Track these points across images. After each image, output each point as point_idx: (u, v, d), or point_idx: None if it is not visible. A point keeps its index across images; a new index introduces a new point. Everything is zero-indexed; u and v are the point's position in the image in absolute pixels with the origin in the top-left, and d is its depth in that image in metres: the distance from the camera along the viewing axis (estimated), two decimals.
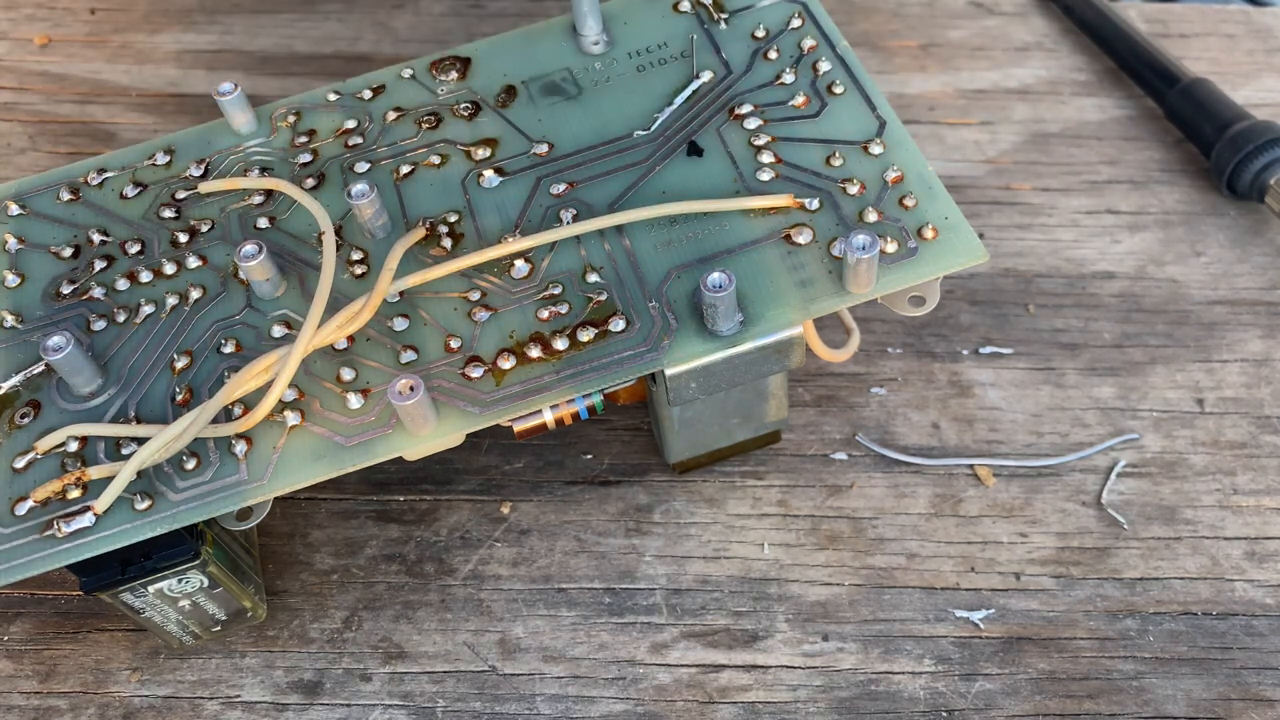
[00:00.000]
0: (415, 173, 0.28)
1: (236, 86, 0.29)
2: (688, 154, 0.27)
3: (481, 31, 0.42)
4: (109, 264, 0.27)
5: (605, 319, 0.25)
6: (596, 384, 0.24)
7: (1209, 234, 0.36)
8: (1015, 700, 0.27)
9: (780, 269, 0.25)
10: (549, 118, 0.29)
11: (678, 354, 0.24)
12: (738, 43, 0.29)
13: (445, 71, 0.30)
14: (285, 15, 0.43)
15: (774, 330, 0.24)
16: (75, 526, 0.23)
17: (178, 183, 0.29)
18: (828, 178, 0.26)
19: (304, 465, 0.24)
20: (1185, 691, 0.27)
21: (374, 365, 0.25)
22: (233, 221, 0.28)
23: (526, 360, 0.24)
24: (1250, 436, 0.31)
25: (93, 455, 0.24)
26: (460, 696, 0.27)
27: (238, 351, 0.25)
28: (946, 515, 0.30)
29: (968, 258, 0.25)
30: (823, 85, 0.28)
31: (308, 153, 0.29)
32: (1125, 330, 0.33)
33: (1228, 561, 0.29)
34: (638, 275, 0.25)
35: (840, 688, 0.27)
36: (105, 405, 0.25)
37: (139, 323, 0.26)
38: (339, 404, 0.24)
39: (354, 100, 0.30)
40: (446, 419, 0.24)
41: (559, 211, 0.27)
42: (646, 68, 0.29)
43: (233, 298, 0.26)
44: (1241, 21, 0.42)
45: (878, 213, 0.26)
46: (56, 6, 0.43)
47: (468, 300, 0.26)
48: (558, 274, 0.26)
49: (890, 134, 0.27)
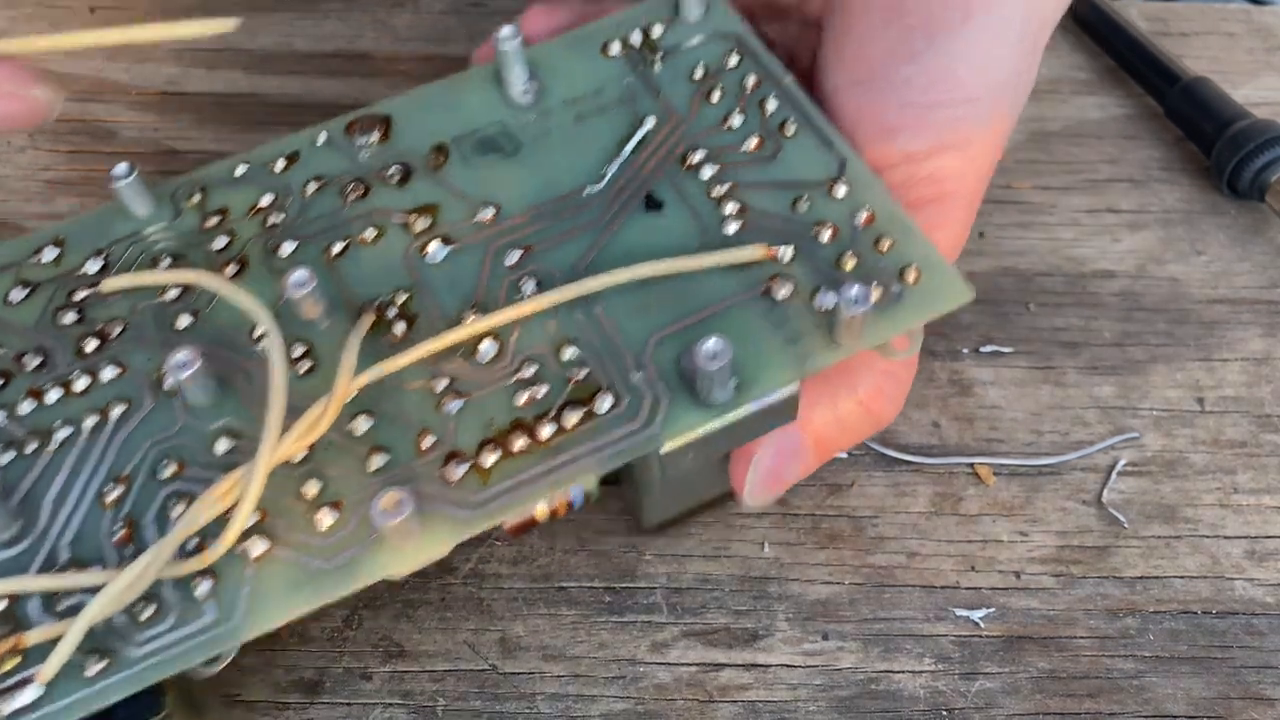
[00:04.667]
0: (349, 250, 0.25)
1: (133, 169, 0.25)
2: (645, 208, 0.26)
3: (482, 31, 0.42)
4: (5, 382, 0.24)
5: (590, 397, 0.23)
6: (591, 470, 0.22)
7: (1209, 233, 0.36)
8: (1015, 699, 0.27)
9: (765, 326, 0.24)
10: (489, 178, 0.26)
11: (674, 428, 0.22)
12: (676, 84, 0.27)
13: (364, 133, 0.27)
14: (285, 14, 0.43)
15: (771, 391, 0.23)
16: (17, 704, 0.20)
17: (74, 280, 0.25)
18: (797, 223, 0.25)
19: (282, 597, 0.21)
20: (1185, 690, 0.27)
21: (341, 474, 0.22)
22: (148, 321, 0.24)
23: (511, 453, 0.22)
24: (1251, 435, 0.31)
25: (24, 614, 0.21)
26: (460, 695, 0.27)
27: (180, 473, 0.22)
28: (947, 514, 0.30)
29: (954, 299, 0.24)
30: (774, 125, 0.27)
31: (223, 235, 0.26)
32: (1125, 329, 0.33)
33: (1228, 560, 0.29)
34: (616, 346, 0.24)
35: (840, 686, 0.27)
36: (29, 553, 0.21)
37: (55, 450, 0.23)
38: (308, 523, 0.22)
39: (265, 173, 0.26)
40: (433, 528, 0.22)
41: (519, 282, 0.24)
42: (586, 116, 0.27)
43: (163, 411, 0.23)
44: (1242, 20, 0.42)
45: (856, 257, 0.24)
46: (57, 5, 0.43)
47: (433, 390, 0.23)
48: (530, 350, 0.24)
49: (852, 172, 0.26)
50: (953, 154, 0.26)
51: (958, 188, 0.26)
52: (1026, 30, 0.27)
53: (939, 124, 0.26)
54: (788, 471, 0.26)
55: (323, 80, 0.40)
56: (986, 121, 0.26)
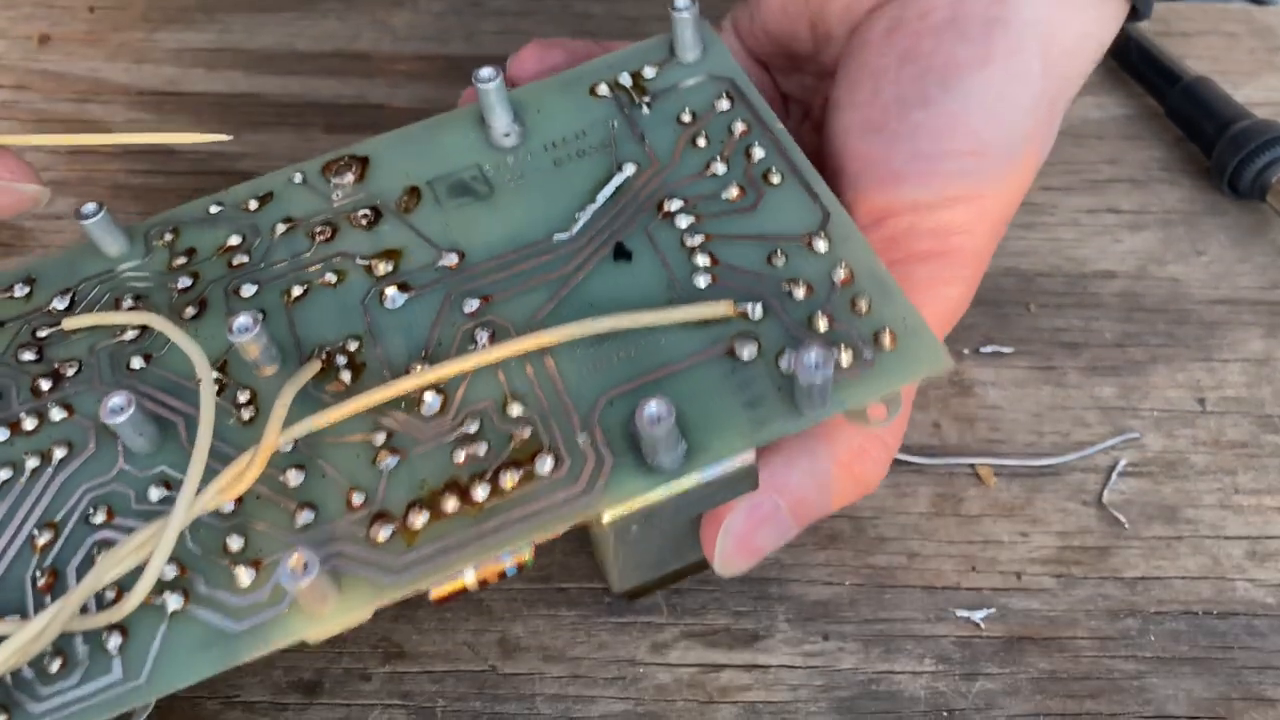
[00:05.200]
0: (309, 294, 0.25)
1: (101, 207, 0.25)
2: (614, 258, 0.24)
3: (481, 30, 0.42)
4: None
5: (530, 458, 0.22)
6: (525, 536, 0.21)
7: (1210, 233, 0.36)
8: (1016, 700, 0.27)
9: (724, 388, 0.22)
10: (458, 222, 0.25)
11: (615, 494, 0.21)
12: (663, 128, 0.26)
13: (340, 173, 0.26)
14: (284, 13, 0.43)
15: (721, 459, 0.22)
16: None
17: (40, 318, 0.25)
18: (770, 279, 0.24)
19: (190, 658, 0.20)
20: (1186, 691, 0.27)
21: (266, 530, 0.22)
22: (103, 362, 0.24)
23: (441, 515, 0.21)
24: (1251, 436, 0.31)
25: None
26: (460, 696, 0.27)
27: (109, 521, 0.22)
28: (947, 514, 0.30)
29: (931, 366, 0.22)
30: (758, 174, 0.25)
31: (187, 275, 0.25)
32: (1126, 329, 0.33)
33: (1229, 561, 0.29)
34: (565, 403, 0.22)
35: (841, 687, 0.27)
36: None
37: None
38: (227, 580, 0.21)
39: (238, 212, 0.26)
40: (351, 591, 0.21)
41: (474, 331, 0.24)
42: (564, 161, 0.26)
43: (104, 455, 0.23)
44: (1243, 20, 0.42)
45: (828, 318, 0.23)
46: (55, 5, 0.43)
47: (371, 444, 0.22)
48: (475, 406, 0.23)
49: (835, 226, 0.24)
50: (962, 207, 0.25)
51: (965, 243, 0.25)
52: (1048, 83, 0.26)
53: (949, 174, 0.25)
54: (762, 538, 0.24)
55: (322, 80, 0.40)
56: (1000, 175, 0.25)
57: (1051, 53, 0.26)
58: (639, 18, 0.43)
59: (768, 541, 0.24)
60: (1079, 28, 0.26)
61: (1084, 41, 0.27)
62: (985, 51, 0.25)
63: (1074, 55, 0.26)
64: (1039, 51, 0.25)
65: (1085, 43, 0.27)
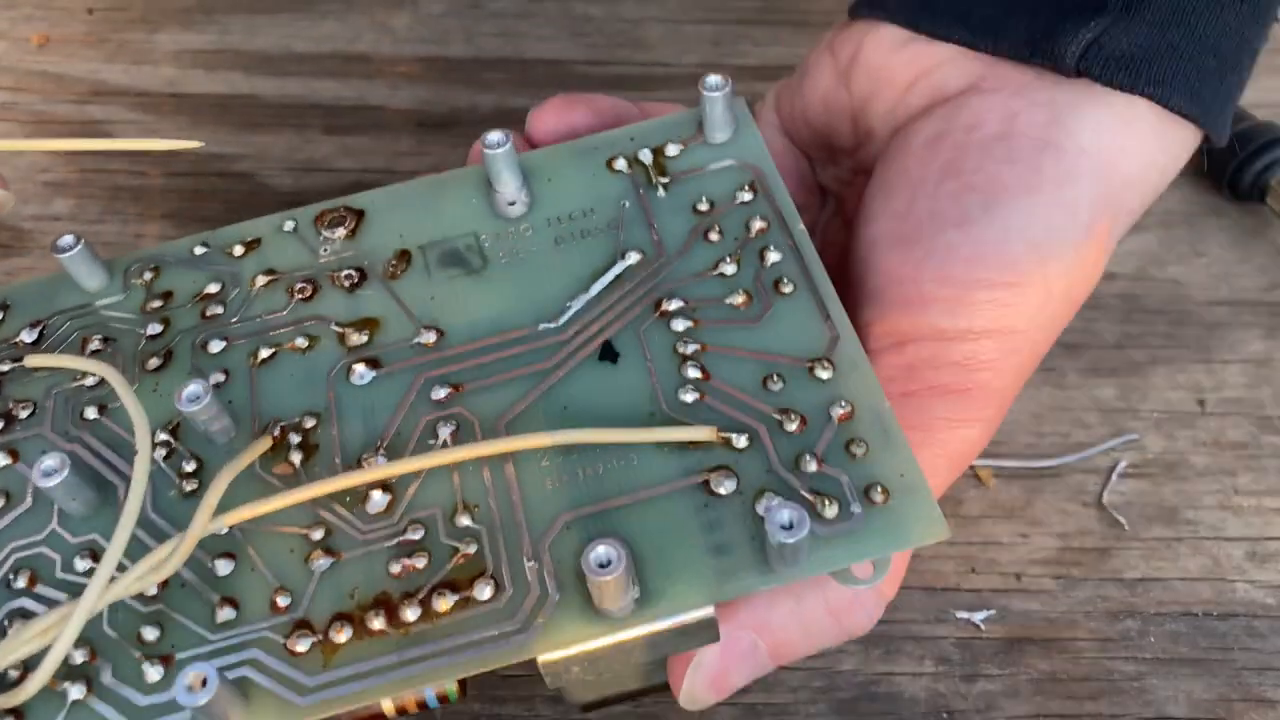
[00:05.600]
0: (276, 357, 0.23)
1: (79, 240, 0.24)
2: (600, 358, 0.22)
3: (481, 32, 0.42)
4: None
5: (470, 580, 0.20)
6: (448, 673, 0.19)
7: (1210, 234, 0.36)
8: (1016, 701, 0.27)
9: (693, 527, 0.20)
10: (444, 296, 0.24)
11: (553, 638, 0.19)
12: (676, 216, 0.24)
13: (333, 226, 0.25)
14: (284, 15, 0.43)
15: (676, 612, 0.19)
16: None
17: (5, 349, 0.24)
18: (762, 406, 0.21)
19: None
20: (1186, 692, 0.27)
21: (185, 623, 0.20)
22: (58, 407, 0.23)
23: (366, 633, 0.20)
24: (1251, 437, 0.31)
25: None
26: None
27: (29, 588, 0.21)
28: (947, 516, 0.30)
29: (924, 533, 0.20)
30: (769, 280, 0.23)
31: (158, 321, 0.24)
32: (1126, 331, 0.33)
33: (1229, 562, 0.29)
34: (519, 520, 0.20)
35: (841, 689, 0.27)
36: None
37: None
38: (135, 675, 0.20)
39: (222, 255, 0.25)
40: (259, 709, 0.19)
41: (436, 425, 0.22)
42: (565, 240, 0.24)
43: (39, 512, 0.21)
44: None
45: (818, 461, 0.20)
46: (54, 6, 0.43)
47: (308, 539, 0.21)
48: (423, 511, 0.21)
49: (843, 352, 0.22)
50: (990, 341, 0.23)
51: (990, 381, 0.23)
52: (1100, 216, 0.23)
53: (979, 304, 0.23)
54: (736, 675, 0.22)
55: (321, 81, 0.40)
56: (1034, 311, 0.23)
57: (1110, 183, 0.24)
58: (639, 19, 0.43)
59: (741, 680, 0.22)
60: (1143, 158, 0.24)
61: (1147, 172, 0.24)
62: (1034, 177, 0.23)
63: (1135, 186, 0.24)
64: (1095, 182, 0.23)
65: (1149, 173, 0.24)
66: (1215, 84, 0.25)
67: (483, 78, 0.41)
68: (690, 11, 0.43)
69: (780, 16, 0.43)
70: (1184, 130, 0.25)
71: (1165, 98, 0.24)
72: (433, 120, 0.39)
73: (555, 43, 0.42)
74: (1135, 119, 0.24)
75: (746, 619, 0.22)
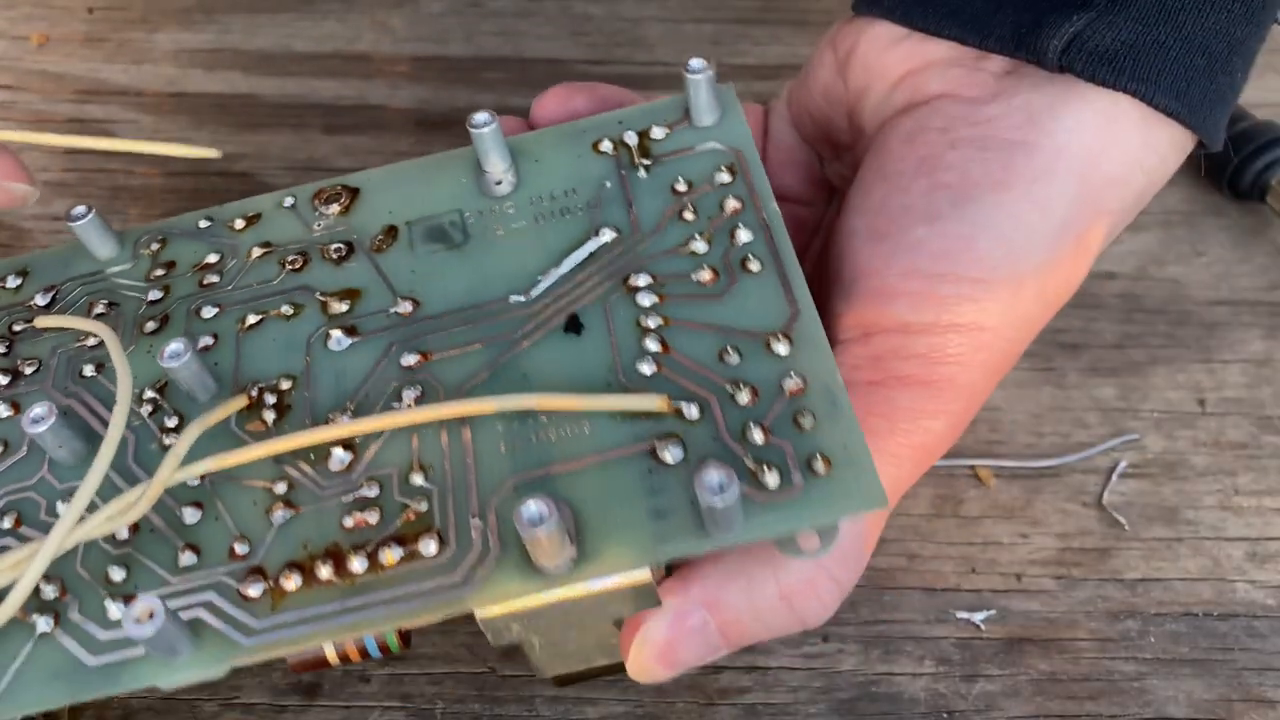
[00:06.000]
0: (263, 324, 0.24)
1: (90, 210, 0.25)
2: (564, 330, 0.23)
3: (480, 31, 0.42)
4: None
5: (417, 536, 0.21)
6: (386, 622, 0.20)
7: (1210, 234, 0.36)
8: (1016, 701, 0.27)
9: (637, 492, 0.20)
10: (424, 269, 0.25)
11: (490, 593, 0.20)
12: (654, 196, 0.25)
13: (328, 203, 0.26)
14: (284, 14, 0.43)
15: (611, 572, 0.20)
16: None
17: (20, 311, 0.25)
18: (716, 378, 0.22)
19: (38, 685, 0.20)
20: (1186, 692, 0.27)
21: (149, 565, 0.21)
22: (60, 365, 0.24)
23: (314, 582, 0.20)
24: (1251, 437, 0.31)
25: None
26: (459, 698, 0.27)
27: (15, 528, 0.22)
28: (947, 516, 0.30)
29: (862, 503, 0.20)
30: (736, 259, 0.23)
31: (159, 288, 0.25)
32: (1126, 330, 0.33)
33: (1229, 562, 0.29)
34: (470, 481, 0.21)
35: (840, 689, 0.27)
36: None
37: None
38: (98, 611, 0.21)
39: (225, 229, 0.26)
40: (207, 646, 0.20)
41: (402, 390, 0.23)
42: (545, 218, 0.25)
43: (32, 460, 0.23)
44: None
45: (764, 432, 0.21)
46: (54, 6, 0.43)
47: (271, 492, 0.22)
48: (380, 469, 0.22)
49: (801, 328, 0.22)
50: (957, 336, 0.23)
51: (957, 375, 0.23)
52: (1079, 214, 0.23)
53: (944, 299, 0.23)
54: (685, 652, 0.22)
55: (321, 81, 0.40)
56: (1003, 309, 0.23)
57: (1090, 182, 0.24)
58: (639, 19, 0.43)
59: (691, 656, 0.22)
60: (1126, 157, 0.24)
61: (1132, 172, 0.24)
62: (1005, 175, 0.23)
63: (1118, 186, 0.24)
64: (1073, 181, 0.23)
65: (1133, 173, 0.24)
66: (1204, 83, 0.24)
67: (482, 77, 0.40)
68: (690, 11, 0.43)
69: (780, 16, 0.43)
70: (1171, 130, 0.24)
71: (1149, 95, 0.24)
72: (433, 120, 0.39)
73: (555, 42, 0.42)
74: (1119, 117, 0.24)
75: (697, 594, 0.22)
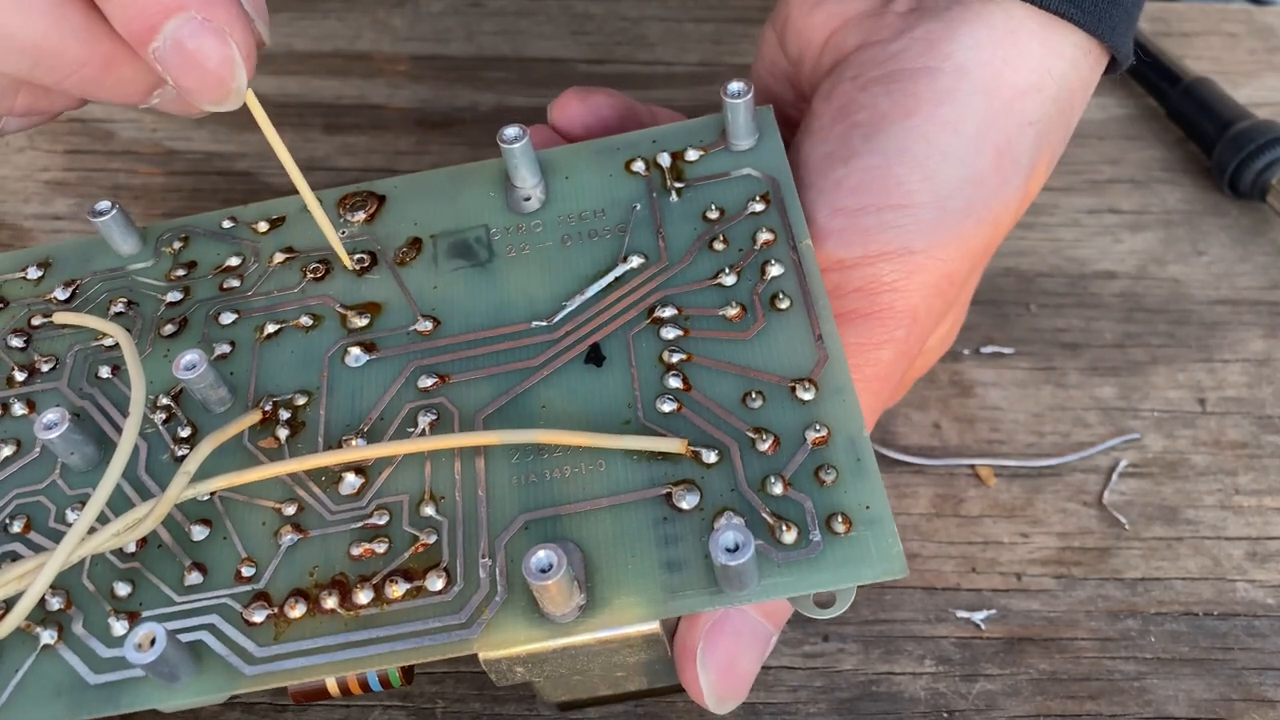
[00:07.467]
0: (281, 334, 0.24)
1: (114, 205, 0.25)
2: (585, 360, 0.22)
3: (481, 30, 0.42)
4: None
5: (425, 570, 0.20)
6: (388, 660, 0.20)
7: (1211, 233, 0.35)
8: (1016, 701, 0.27)
9: (649, 539, 0.20)
10: (447, 286, 0.24)
11: (494, 637, 0.19)
12: (685, 223, 0.24)
13: (354, 210, 0.25)
14: (284, 13, 0.43)
15: (619, 625, 0.19)
16: None
17: (40, 305, 0.25)
18: (738, 423, 0.21)
19: (39, 701, 0.20)
20: (1187, 692, 0.27)
21: (155, 582, 0.21)
22: (77, 364, 0.24)
23: (318, 611, 0.20)
24: (1252, 436, 0.31)
25: None
26: (460, 698, 0.27)
27: (24, 533, 0.22)
28: (947, 515, 0.30)
29: (882, 569, 0.19)
30: (766, 295, 0.23)
31: (179, 290, 0.25)
32: (1127, 330, 0.33)
33: (1229, 562, 0.29)
34: (480, 516, 0.21)
35: (841, 689, 0.27)
36: None
37: None
38: (103, 627, 0.20)
39: (248, 231, 0.26)
40: (209, 673, 0.20)
41: (418, 414, 0.22)
42: (572, 239, 0.24)
43: (44, 462, 0.22)
44: (1243, 20, 0.42)
45: (784, 484, 0.20)
46: None
47: (280, 514, 0.21)
48: (391, 497, 0.21)
49: (829, 376, 0.21)
50: (887, 264, 0.23)
51: (895, 301, 0.23)
52: (990, 129, 0.24)
53: (867, 230, 0.23)
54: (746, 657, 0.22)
55: (322, 80, 0.40)
56: (931, 230, 0.23)
57: (999, 96, 0.24)
58: (639, 18, 0.42)
59: (751, 660, 0.22)
60: (1030, 63, 0.25)
61: (1042, 79, 0.25)
62: (911, 102, 0.24)
63: (1033, 93, 0.25)
64: (979, 97, 0.24)
65: (1044, 80, 0.25)
66: None
67: (483, 76, 0.40)
68: (690, 10, 0.43)
69: None
70: (1074, 35, 0.25)
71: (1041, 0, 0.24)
72: (433, 119, 0.39)
73: (555, 41, 0.42)
74: (1016, 29, 0.25)
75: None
